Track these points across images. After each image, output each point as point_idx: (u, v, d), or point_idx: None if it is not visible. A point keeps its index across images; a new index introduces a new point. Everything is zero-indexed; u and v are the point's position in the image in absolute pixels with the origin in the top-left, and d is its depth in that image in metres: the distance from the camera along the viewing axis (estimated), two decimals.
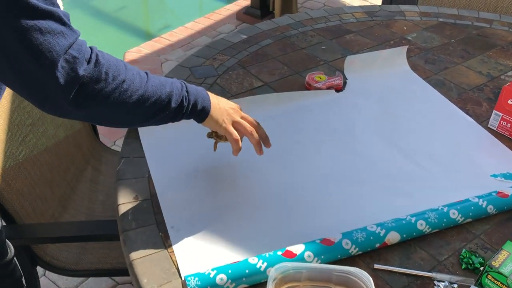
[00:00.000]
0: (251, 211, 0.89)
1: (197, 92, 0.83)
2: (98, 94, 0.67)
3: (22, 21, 0.59)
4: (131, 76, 0.71)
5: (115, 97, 0.69)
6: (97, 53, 0.68)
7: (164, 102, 0.76)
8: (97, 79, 0.66)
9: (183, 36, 3.27)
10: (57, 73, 0.62)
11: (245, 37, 1.48)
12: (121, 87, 0.69)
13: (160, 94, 0.75)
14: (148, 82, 0.74)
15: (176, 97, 0.77)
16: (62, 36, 0.63)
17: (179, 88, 0.79)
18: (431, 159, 1.02)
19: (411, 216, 0.84)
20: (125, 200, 0.90)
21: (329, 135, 1.08)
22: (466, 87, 1.27)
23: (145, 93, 0.73)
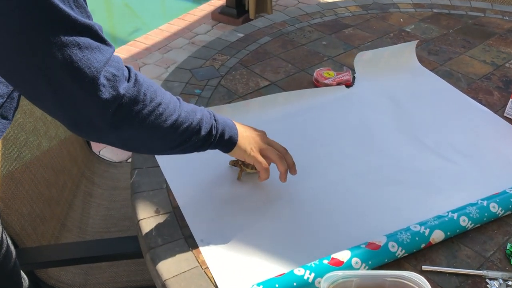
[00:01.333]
0: (283, 218, 0.84)
1: (224, 121, 0.79)
2: (135, 116, 0.63)
3: (60, 35, 0.53)
4: (167, 99, 0.68)
5: (151, 120, 0.65)
6: (135, 72, 0.64)
7: (195, 129, 0.72)
8: (135, 100, 0.62)
9: (159, 38, 3.19)
10: (97, 90, 0.58)
11: (241, 35, 1.42)
12: (157, 110, 0.65)
13: (192, 120, 0.71)
14: (181, 107, 0.70)
15: (206, 124, 0.74)
16: (99, 52, 0.58)
17: (208, 116, 0.75)
18: (456, 152, 0.99)
19: (452, 212, 0.81)
20: (146, 215, 0.83)
21: (348, 134, 1.04)
22: (474, 77, 1.25)
23: (178, 118, 0.69)
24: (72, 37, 0.54)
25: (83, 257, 0.92)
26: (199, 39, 3.18)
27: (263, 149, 0.83)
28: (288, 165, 0.86)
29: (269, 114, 1.07)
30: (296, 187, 0.90)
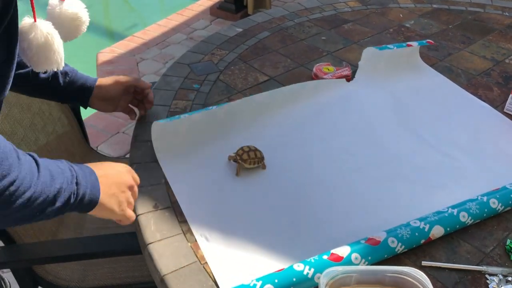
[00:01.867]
0: (283, 213, 0.83)
1: (86, 179, 0.68)
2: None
3: None
4: (23, 173, 0.58)
5: (1, 200, 0.56)
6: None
7: (50, 200, 0.62)
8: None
9: (157, 34, 3.17)
10: None
11: (240, 30, 1.42)
12: (9, 189, 0.56)
13: (48, 193, 0.62)
14: (39, 179, 0.61)
15: (65, 193, 0.64)
16: None
17: (69, 180, 0.65)
18: (457, 147, 0.99)
19: (452, 208, 0.81)
20: (145, 210, 0.83)
21: (349, 130, 1.04)
22: (473, 73, 1.25)
23: (33, 194, 0.60)
24: None
25: (81, 253, 0.91)
26: (197, 34, 3.16)
27: (122, 205, 0.73)
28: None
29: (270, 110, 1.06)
30: (296, 182, 0.89)
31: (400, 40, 1.39)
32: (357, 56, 1.30)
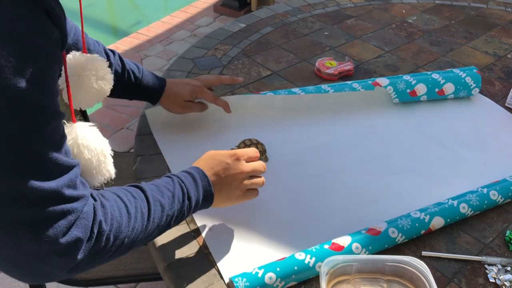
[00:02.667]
0: (285, 204, 0.84)
1: (197, 189, 0.70)
2: (92, 262, 0.57)
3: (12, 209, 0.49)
4: (133, 224, 0.60)
5: (114, 254, 0.60)
6: (100, 218, 0.56)
7: (163, 227, 0.66)
8: (96, 252, 0.56)
9: (161, 30, 3.18)
10: (50, 259, 0.52)
11: (243, 25, 1.43)
12: (121, 245, 0.59)
13: (161, 224, 0.65)
14: (149, 219, 0.63)
15: (177, 214, 0.67)
16: (62, 218, 0.52)
17: (180, 200, 0.67)
18: (457, 140, 1.00)
19: (452, 199, 0.82)
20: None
21: (350, 122, 1.04)
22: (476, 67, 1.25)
23: (145, 235, 0.63)
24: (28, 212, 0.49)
25: None
26: (201, 31, 3.17)
27: (240, 196, 0.75)
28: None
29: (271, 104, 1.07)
30: (298, 174, 0.91)
31: (403, 35, 1.40)
32: (359, 51, 1.31)
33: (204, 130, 1.00)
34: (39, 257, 0.52)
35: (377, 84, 1.07)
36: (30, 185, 0.48)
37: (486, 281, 0.73)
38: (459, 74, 1.08)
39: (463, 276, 0.73)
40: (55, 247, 0.52)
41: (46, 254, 0.52)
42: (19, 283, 1.55)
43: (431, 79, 1.07)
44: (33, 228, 0.50)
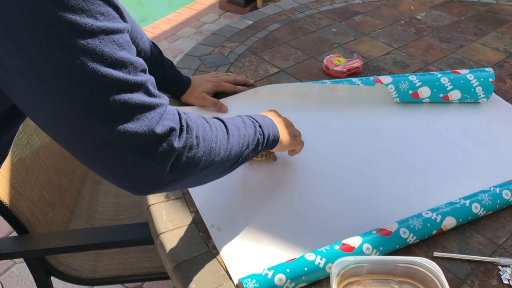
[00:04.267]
0: (295, 203, 0.83)
1: (264, 122, 0.77)
2: (191, 162, 0.59)
3: (110, 99, 0.51)
4: (216, 132, 0.64)
5: (206, 159, 0.62)
6: (185, 117, 0.60)
7: (245, 147, 0.70)
8: (190, 146, 0.59)
9: (167, 27, 3.18)
10: (152, 150, 0.54)
11: (250, 22, 1.41)
12: (211, 147, 0.62)
13: (241, 141, 0.69)
14: (229, 133, 0.67)
15: (252, 137, 0.72)
16: (152, 109, 0.54)
17: (252, 125, 0.73)
18: (468, 139, 0.98)
19: (464, 199, 0.80)
20: (156, 201, 0.83)
21: (360, 121, 1.03)
22: (486, 64, 1.23)
23: (228, 146, 0.66)
24: (123, 99, 0.51)
25: (94, 244, 0.92)
26: (206, 28, 3.16)
27: (293, 141, 0.85)
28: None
29: (279, 101, 1.06)
30: (308, 173, 0.89)
31: (411, 32, 1.38)
32: (368, 48, 1.29)
33: None
34: (141, 152, 0.54)
35: (379, 81, 1.06)
36: (121, 77, 0.51)
37: (499, 283, 0.71)
38: (471, 82, 1.05)
39: (476, 278, 0.72)
40: (152, 138, 0.54)
41: (147, 147, 0.54)
42: (25, 281, 1.55)
43: (438, 84, 1.05)
44: (130, 121, 0.52)
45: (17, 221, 0.99)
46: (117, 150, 0.53)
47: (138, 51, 0.98)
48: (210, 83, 1.08)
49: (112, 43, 0.51)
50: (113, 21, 0.51)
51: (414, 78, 1.06)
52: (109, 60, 0.50)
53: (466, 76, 1.07)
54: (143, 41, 0.99)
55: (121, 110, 0.52)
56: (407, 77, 1.06)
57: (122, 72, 0.51)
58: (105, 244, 0.91)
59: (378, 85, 1.06)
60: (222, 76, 1.12)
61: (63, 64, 0.48)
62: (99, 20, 0.49)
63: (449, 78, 1.06)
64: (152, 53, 1.02)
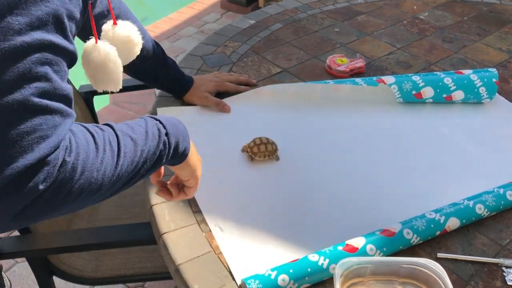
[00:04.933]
0: (297, 204, 0.83)
1: (176, 129, 0.64)
2: (60, 196, 0.49)
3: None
4: (102, 156, 0.53)
5: (84, 190, 0.51)
6: (67, 144, 0.49)
7: (140, 167, 0.59)
8: (61, 182, 0.48)
9: (168, 27, 3.17)
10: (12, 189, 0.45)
11: (253, 22, 1.41)
12: (92, 179, 0.51)
13: (137, 161, 0.58)
14: (120, 154, 0.55)
15: (153, 150, 0.60)
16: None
17: (156, 137, 0.61)
18: (471, 139, 0.98)
19: (468, 200, 0.80)
20: (159, 200, 0.83)
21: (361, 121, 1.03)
22: (489, 65, 1.23)
23: (118, 173, 0.55)
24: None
25: (96, 243, 0.92)
26: (208, 27, 3.16)
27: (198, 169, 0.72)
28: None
29: (281, 101, 1.06)
30: (310, 173, 0.89)
31: (414, 32, 1.38)
32: (371, 48, 1.29)
33: (216, 125, 1.00)
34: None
35: (382, 82, 1.06)
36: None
37: (503, 284, 0.71)
38: (475, 82, 1.05)
39: (480, 279, 0.72)
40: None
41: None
42: (27, 280, 1.55)
43: (441, 84, 1.05)
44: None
45: None
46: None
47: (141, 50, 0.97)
48: (212, 83, 1.08)
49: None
50: None
51: (417, 79, 1.06)
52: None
53: (469, 76, 1.06)
54: (145, 40, 0.99)
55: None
56: (410, 77, 1.06)
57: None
58: (107, 243, 0.91)
59: (381, 85, 1.05)
60: (224, 76, 1.11)
61: None
62: None
63: (452, 78, 1.06)
64: (155, 52, 1.01)
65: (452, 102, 1.07)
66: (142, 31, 0.98)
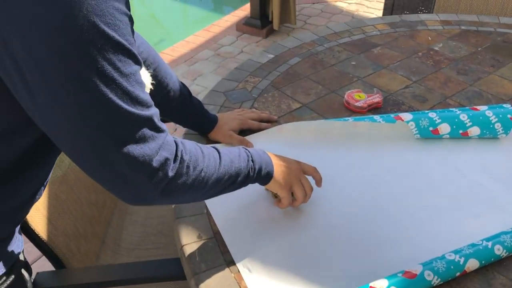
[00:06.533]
0: (321, 245, 0.87)
1: (261, 159, 0.85)
2: (181, 187, 0.70)
3: (119, 132, 0.61)
4: (207, 162, 0.74)
5: (195, 185, 0.72)
6: (182, 148, 0.70)
7: (233, 178, 0.79)
8: (180, 174, 0.69)
9: (185, 50, 3.25)
10: (149, 176, 0.65)
11: (272, 56, 1.46)
12: (200, 176, 0.72)
13: (230, 172, 0.78)
14: (221, 164, 0.77)
15: (244, 170, 0.81)
16: (153, 140, 0.65)
17: (245, 159, 0.82)
18: (488, 176, 1.01)
19: (486, 240, 0.83)
20: (189, 241, 0.88)
21: (380, 159, 1.06)
22: (504, 97, 1.26)
23: (218, 176, 0.76)
24: (131, 133, 0.62)
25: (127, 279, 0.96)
26: (224, 50, 3.23)
27: (294, 184, 0.89)
28: (316, 182, 0.94)
29: (302, 138, 1.10)
30: (332, 213, 0.93)
31: (429, 64, 1.41)
32: (387, 82, 1.33)
33: None
34: (139, 174, 0.64)
35: (399, 119, 1.09)
36: (134, 111, 0.61)
37: None
38: (490, 119, 1.08)
39: None
40: (150, 165, 0.64)
41: (145, 171, 0.64)
42: None
43: (457, 120, 1.08)
44: (135, 148, 0.62)
45: (53, 255, 1.03)
46: (119, 168, 0.63)
47: (167, 90, 1.03)
48: (236, 121, 1.13)
49: (130, 84, 0.60)
50: (131, 65, 0.60)
51: (434, 115, 1.09)
52: (127, 98, 0.60)
53: (484, 112, 1.10)
54: (172, 81, 1.05)
55: (128, 137, 0.62)
56: (427, 114, 1.10)
57: (135, 108, 0.61)
58: (138, 279, 0.95)
59: (399, 122, 1.09)
60: (247, 114, 1.16)
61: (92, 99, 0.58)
62: (122, 65, 0.59)
63: (468, 114, 1.09)
64: (182, 92, 1.07)
65: (469, 137, 1.10)
66: (169, 74, 1.04)
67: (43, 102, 0.57)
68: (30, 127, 0.66)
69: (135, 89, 0.61)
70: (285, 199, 0.90)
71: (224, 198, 0.95)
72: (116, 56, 0.58)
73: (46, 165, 0.80)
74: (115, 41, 0.57)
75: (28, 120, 0.63)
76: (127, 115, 0.60)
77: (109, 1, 0.55)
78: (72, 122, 0.59)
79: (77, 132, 0.60)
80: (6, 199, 0.75)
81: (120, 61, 0.58)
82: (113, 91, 0.58)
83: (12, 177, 0.73)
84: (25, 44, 0.53)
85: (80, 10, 0.53)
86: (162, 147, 0.66)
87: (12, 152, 0.70)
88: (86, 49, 0.55)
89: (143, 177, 0.65)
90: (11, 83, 0.58)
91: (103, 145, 0.61)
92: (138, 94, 0.62)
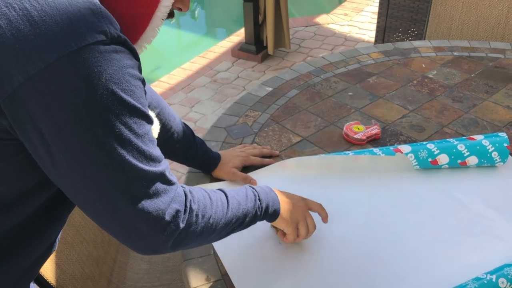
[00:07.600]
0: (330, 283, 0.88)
1: (267, 196, 0.87)
2: (190, 235, 0.72)
3: (134, 189, 0.64)
4: (215, 208, 0.76)
5: (204, 232, 0.74)
6: (190, 198, 0.72)
7: (241, 220, 0.82)
8: (190, 224, 0.71)
9: (182, 77, 3.29)
10: (161, 229, 0.67)
11: (270, 89, 1.49)
12: (208, 223, 0.75)
13: (238, 215, 0.81)
14: (229, 208, 0.79)
15: (251, 210, 0.83)
16: (165, 194, 0.67)
17: (252, 199, 0.84)
18: (488, 205, 1.03)
19: (490, 274, 0.85)
20: (198, 283, 0.89)
21: (383, 193, 1.08)
22: (499, 124, 1.29)
23: (226, 220, 0.78)
24: (145, 189, 0.64)
25: None
26: (220, 76, 3.27)
27: (299, 221, 0.91)
28: (322, 218, 0.96)
29: (304, 173, 1.12)
30: (337, 249, 0.94)
31: (425, 92, 1.44)
32: (384, 112, 1.36)
33: None
34: (151, 228, 0.66)
35: (399, 151, 1.12)
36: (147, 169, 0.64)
37: None
38: (487, 148, 1.11)
39: None
40: (163, 219, 0.67)
41: (157, 224, 0.66)
42: None
43: (455, 151, 1.11)
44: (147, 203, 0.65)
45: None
46: (134, 223, 0.65)
47: (171, 133, 1.06)
48: (238, 158, 1.15)
49: (144, 143, 0.64)
50: (144, 126, 0.65)
51: (432, 146, 1.12)
52: (142, 157, 0.64)
53: (481, 142, 1.12)
54: (176, 124, 1.07)
55: (142, 193, 0.64)
56: (425, 146, 1.12)
57: (149, 165, 0.65)
58: None
59: (398, 155, 1.11)
60: (249, 150, 1.18)
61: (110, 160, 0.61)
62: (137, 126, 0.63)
63: (466, 145, 1.12)
64: (185, 134, 1.09)
65: (467, 166, 1.13)
66: (173, 117, 1.07)
67: (63, 164, 0.60)
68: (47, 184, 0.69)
69: (149, 148, 0.64)
70: (291, 236, 0.91)
71: (231, 238, 0.96)
72: (132, 119, 0.61)
73: (60, 219, 0.81)
74: (131, 106, 0.60)
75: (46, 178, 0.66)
76: (142, 173, 0.63)
77: (124, 68, 0.59)
78: (90, 182, 0.61)
79: (94, 190, 0.62)
80: (26, 257, 0.77)
81: (135, 123, 0.62)
82: (130, 152, 0.61)
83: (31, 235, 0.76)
84: (49, 112, 0.56)
85: (99, 80, 0.56)
86: (173, 199, 0.68)
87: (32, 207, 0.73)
88: (105, 115, 0.58)
89: (157, 231, 0.67)
90: (32, 148, 0.61)
91: (119, 203, 0.63)
92: (152, 152, 0.65)
